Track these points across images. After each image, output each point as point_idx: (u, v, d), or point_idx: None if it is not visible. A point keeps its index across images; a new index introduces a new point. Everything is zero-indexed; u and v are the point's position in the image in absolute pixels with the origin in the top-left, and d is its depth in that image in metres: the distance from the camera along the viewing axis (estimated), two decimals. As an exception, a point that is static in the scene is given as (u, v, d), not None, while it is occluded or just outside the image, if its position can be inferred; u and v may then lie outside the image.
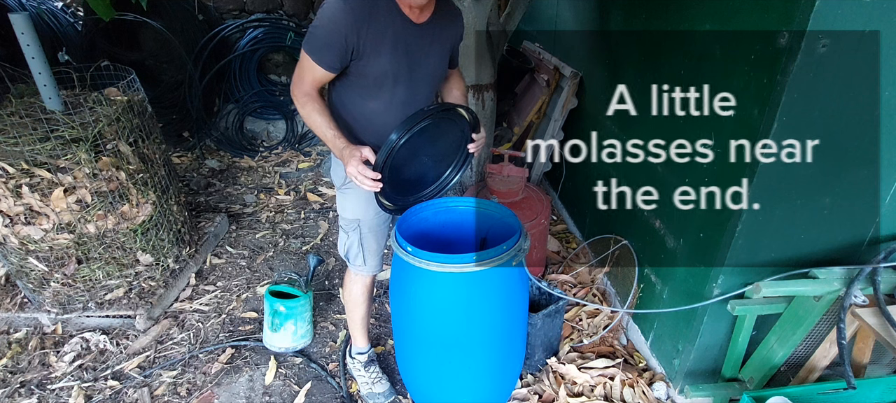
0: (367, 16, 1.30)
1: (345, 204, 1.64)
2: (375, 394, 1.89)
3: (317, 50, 1.34)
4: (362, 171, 1.34)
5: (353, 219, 1.64)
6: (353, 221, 1.65)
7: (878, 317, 1.42)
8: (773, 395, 1.38)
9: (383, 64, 1.39)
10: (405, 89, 1.46)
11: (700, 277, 1.66)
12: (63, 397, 1.92)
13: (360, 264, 1.71)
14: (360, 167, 1.34)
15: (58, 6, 3.99)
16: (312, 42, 1.34)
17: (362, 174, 1.34)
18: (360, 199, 1.60)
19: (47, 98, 2.01)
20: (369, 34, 1.32)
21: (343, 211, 1.66)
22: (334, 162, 1.61)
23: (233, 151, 4.08)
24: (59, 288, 2.16)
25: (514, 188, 2.37)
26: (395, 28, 1.36)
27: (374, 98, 1.45)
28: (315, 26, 1.33)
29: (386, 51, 1.37)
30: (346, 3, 1.28)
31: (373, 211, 1.63)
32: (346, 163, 1.37)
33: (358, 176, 1.35)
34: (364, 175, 1.34)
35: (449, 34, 1.52)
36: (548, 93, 2.88)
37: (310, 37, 1.34)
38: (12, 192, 1.91)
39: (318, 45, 1.33)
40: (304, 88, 1.40)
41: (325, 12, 1.30)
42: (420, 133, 1.44)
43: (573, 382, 1.90)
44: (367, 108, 1.47)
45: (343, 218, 1.67)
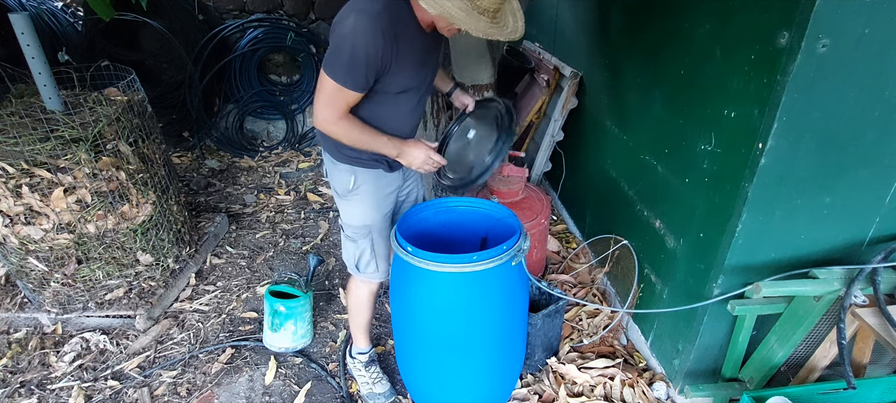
0: (394, 36, 1.27)
1: (352, 211, 1.60)
2: (375, 394, 1.89)
3: (349, 76, 1.27)
4: (432, 157, 1.51)
5: (362, 226, 1.61)
6: (362, 228, 1.61)
7: (878, 317, 1.42)
8: (773, 395, 1.38)
9: (407, 79, 1.39)
10: (416, 96, 1.49)
11: (700, 277, 1.66)
12: (63, 397, 1.92)
13: (372, 271, 1.69)
14: (429, 154, 1.50)
15: (58, 6, 3.98)
16: (341, 68, 1.26)
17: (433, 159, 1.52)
18: (369, 203, 1.58)
19: (47, 98, 2.02)
20: (398, 53, 1.30)
21: (350, 218, 1.61)
22: (336, 168, 1.57)
23: (233, 151, 4.08)
24: (59, 288, 2.16)
25: (514, 188, 2.37)
26: (415, 43, 1.36)
27: (384, 105, 1.45)
28: (341, 50, 1.25)
29: (410, 66, 1.37)
30: (376, 24, 1.22)
31: (381, 215, 1.62)
32: (413, 156, 1.49)
33: (428, 162, 1.51)
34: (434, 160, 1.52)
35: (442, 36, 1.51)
36: (548, 93, 2.88)
37: (337, 64, 1.26)
38: (12, 192, 1.91)
39: (351, 71, 1.26)
40: (336, 115, 1.34)
41: (356, 35, 1.22)
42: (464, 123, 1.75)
43: (573, 382, 1.90)
44: (376, 113, 1.45)
45: (350, 227, 1.63)
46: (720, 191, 1.53)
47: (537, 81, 3.01)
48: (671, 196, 1.82)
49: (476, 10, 1.22)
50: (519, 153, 2.74)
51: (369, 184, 1.56)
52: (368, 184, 1.55)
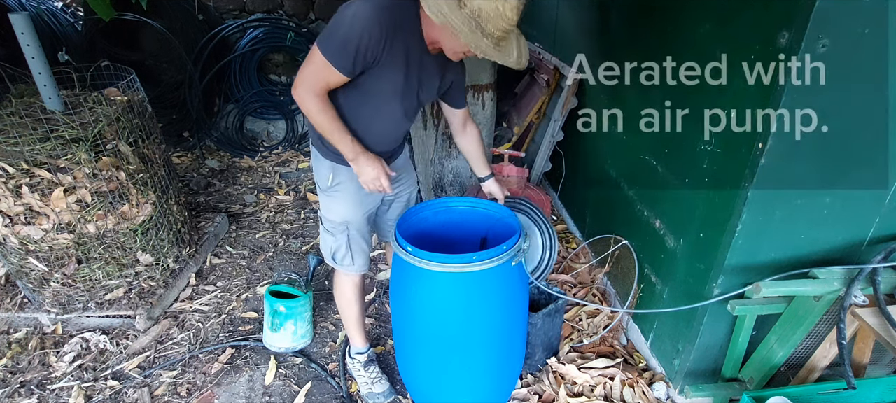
0: (394, 29, 1.28)
1: (332, 206, 1.62)
2: (375, 394, 1.89)
3: (338, 55, 1.27)
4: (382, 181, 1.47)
5: (341, 221, 1.63)
6: (341, 224, 1.63)
7: (878, 317, 1.42)
8: (773, 395, 1.38)
9: (397, 80, 1.39)
10: (403, 107, 1.48)
11: (700, 277, 1.65)
12: (63, 397, 1.92)
13: (348, 264, 1.70)
14: (381, 175, 1.46)
15: (58, 6, 3.99)
16: (334, 46, 1.27)
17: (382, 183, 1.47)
18: (348, 201, 1.59)
19: (47, 98, 2.01)
20: (393, 48, 1.31)
21: (329, 213, 1.64)
22: (319, 163, 1.59)
23: (233, 151, 4.08)
24: (59, 288, 2.16)
25: (514, 188, 2.38)
26: (414, 49, 1.36)
27: (369, 106, 1.45)
28: (338, 30, 1.25)
29: (402, 68, 1.37)
30: (379, 12, 1.24)
31: (360, 213, 1.63)
32: (365, 169, 1.45)
33: (377, 181, 1.47)
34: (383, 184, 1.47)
35: (452, 67, 1.54)
36: (548, 93, 2.88)
37: (330, 40, 1.27)
38: (12, 192, 1.91)
39: (342, 51, 1.27)
40: (314, 90, 1.34)
41: (355, 19, 1.24)
42: None
43: (573, 382, 1.90)
44: (359, 113, 1.46)
45: (329, 221, 1.65)
46: (720, 191, 1.53)
47: (537, 81, 3.01)
48: (671, 196, 1.82)
49: (479, 30, 1.24)
50: (519, 153, 2.74)
51: (349, 183, 1.57)
52: (349, 182, 1.56)
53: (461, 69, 1.62)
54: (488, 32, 1.25)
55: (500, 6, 1.21)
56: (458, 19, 1.22)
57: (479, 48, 1.25)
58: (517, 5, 1.23)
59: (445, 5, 1.21)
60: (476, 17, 1.23)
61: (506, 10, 1.22)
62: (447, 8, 1.22)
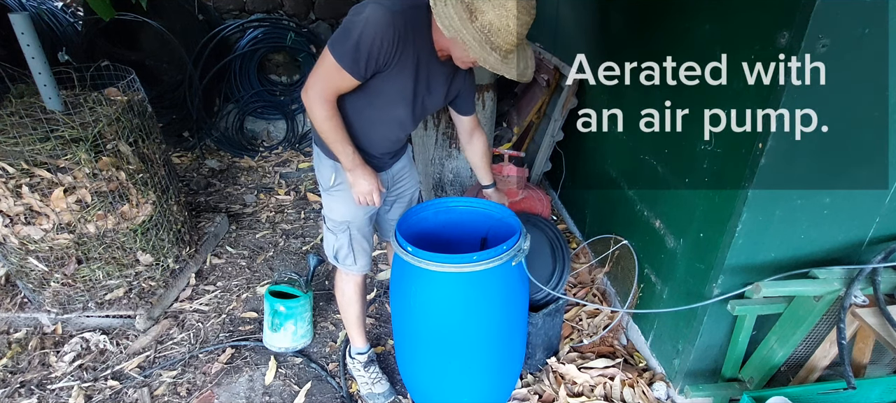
0: (405, 35, 1.28)
1: (333, 205, 1.63)
2: (375, 394, 1.89)
3: (350, 59, 1.26)
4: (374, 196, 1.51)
5: (342, 221, 1.64)
6: (342, 223, 1.64)
7: (878, 317, 1.42)
8: (773, 395, 1.38)
9: (406, 85, 1.39)
10: (409, 112, 1.48)
11: (700, 277, 1.65)
12: (63, 397, 1.92)
13: (350, 263, 1.71)
14: (374, 191, 1.50)
15: (58, 6, 3.99)
16: (345, 50, 1.26)
17: (374, 199, 1.52)
18: (350, 201, 1.59)
19: (47, 98, 2.01)
20: (404, 53, 1.31)
21: (331, 212, 1.65)
22: (321, 162, 1.60)
23: (233, 151, 4.08)
24: (59, 288, 2.16)
25: (514, 188, 2.37)
26: (424, 55, 1.37)
27: (375, 108, 1.45)
28: (350, 33, 1.25)
29: (411, 73, 1.38)
30: (392, 17, 1.24)
31: (362, 213, 1.63)
32: (360, 182, 1.49)
33: (369, 196, 1.51)
34: (374, 199, 1.52)
35: (460, 75, 1.55)
36: (548, 93, 2.88)
37: (342, 44, 1.26)
38: (12, 192, 1.91)
39: (354, 55, 1.26)
40: (324, 95, 1.33)
41: (368, 24, 1.23)
42: None
43: (573, 382, 1.90)
44: (363, 115, 1.46)
45: (331, 220, 1.66)
46: (720, 191, 1.53)
47: (537, 81, 3.01)
48: (671, 196, 1.82)
49: (488, 44, 1.25)
50: (519, 153, 2.74)
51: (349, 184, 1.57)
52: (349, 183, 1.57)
53: (469, 76, 1.62)
54: (497, 46, 1.26)
55: (509, 22, 1.22)
56: (469, 34, 1.23)
57: (487, 62, 1.26)
58: (527, 21, 1.25)
59: (457, 19, 1.22)
60: (486, 31, 1.23)
61: (514, 26, 1.23)
62: (458, 22, 1.22)
